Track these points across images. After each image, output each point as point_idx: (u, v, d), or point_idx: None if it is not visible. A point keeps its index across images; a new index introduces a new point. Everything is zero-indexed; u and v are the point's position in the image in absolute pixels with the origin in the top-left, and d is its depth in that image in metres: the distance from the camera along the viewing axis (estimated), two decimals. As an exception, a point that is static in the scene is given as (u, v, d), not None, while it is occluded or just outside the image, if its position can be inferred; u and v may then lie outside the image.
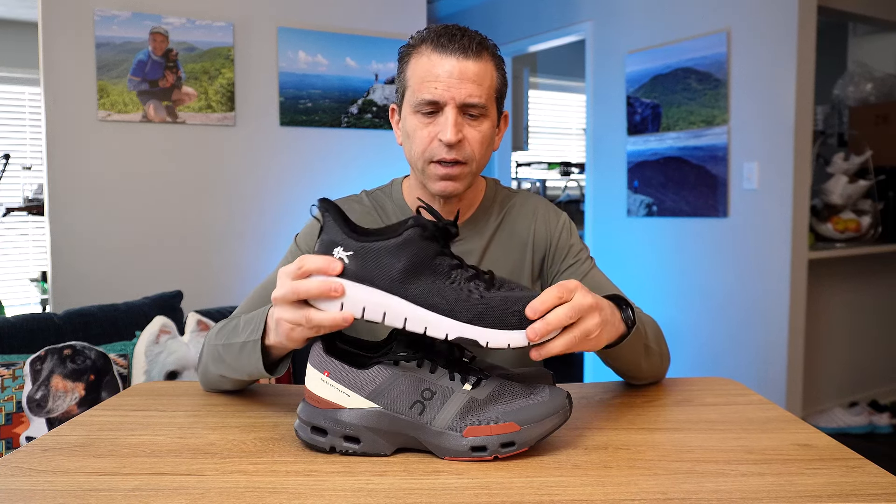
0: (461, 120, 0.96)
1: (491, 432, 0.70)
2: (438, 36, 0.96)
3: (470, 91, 0.94)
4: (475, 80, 0.95)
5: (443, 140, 0.95)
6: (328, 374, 0.72)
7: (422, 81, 0.96)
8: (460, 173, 0.98)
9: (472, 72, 0.94)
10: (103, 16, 2.47)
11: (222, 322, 0.96)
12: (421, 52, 0.97)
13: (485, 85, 0.96)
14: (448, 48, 0.94)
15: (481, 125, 0.98)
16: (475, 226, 1.09)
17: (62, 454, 0.73)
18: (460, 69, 0.94)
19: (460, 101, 0.95)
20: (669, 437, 0.77)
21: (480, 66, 0.95)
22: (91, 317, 1.87)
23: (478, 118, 0.97)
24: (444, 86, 0.94)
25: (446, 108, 0.95)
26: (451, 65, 0.94)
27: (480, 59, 0.96)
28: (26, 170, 4.43)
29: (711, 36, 2.99)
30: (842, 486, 0.63)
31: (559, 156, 5.71)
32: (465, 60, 0.94)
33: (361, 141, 3.00)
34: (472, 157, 0.98)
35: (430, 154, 0.97)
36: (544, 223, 1.12)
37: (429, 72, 0.95)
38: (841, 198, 3.35)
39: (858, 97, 3.67)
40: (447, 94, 0.94)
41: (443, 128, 0.95)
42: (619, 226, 3.53)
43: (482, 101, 0.96)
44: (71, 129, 2.45)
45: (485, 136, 0.99)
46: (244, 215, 2.78)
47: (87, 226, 2.50)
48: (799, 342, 2.86)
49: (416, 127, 0.98)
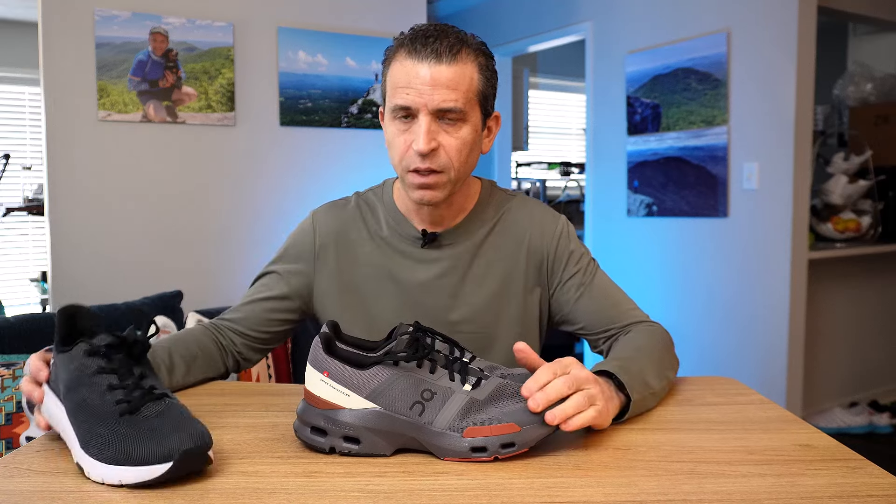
0: (436, 127, 0.94)
1: (491, 433, 0.69)
2: (413, 41, 0.94)
3: (443, 97, 0.92)
4: (449, 85, 0.93)
5: (415, 149, 0.94)
6: (328, 375, 0.72)
7: (395, 88, 0.95)
8: (436, 182, 0.96)
9: (445, 77, 0.92)
10: (103, 16, 2.46)
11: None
12: (396, 58, 0.96)
13: (461, 89, 0.94)
14: (421, 53, 0.93)
15: (459, 131, 0.96)
16: (466, 230, 1.08)
17: (61, 455, 0.72)
18: (432, 75, 0.92)
19: (433, 108, 0.93)
20: (670, 437, 0.77)
21: (455, 69, 0.93)
22: (91, 317, 1.87)
23: (455, 124, 0.95)
24: (416, 92, 0.93)
25: (420, 116, 0.94)
26: (423, 71, 0.92)
27: (456, 62, 0.93)
28: (26, 170, 4.42)
29: (711, 36, 2.98)
30: (843, 487, 0.63)
31: (559, 156, 5.71)
32: (438, 66, 0.92)
33: (361, 141, 3.00)
34: (449, 166, 0.96)
35: (407, 163, 0.97)
36: (541, 229, 1.10)
37: (401, 78, 0.94)
38: (841, 198, 3.35)
39: (858, 97, 3.67)
40: (419, 101, 0.93)
41: (416, 136, 0.94)
42: (619, 226, 3.52)
43: (457, 106, 0.94)
44: (71, 129, 2.45)
45: (463, 142, 0.96)
46: (244, 215, 2.78)
47: (87, 226, 2.49)
48: (799, 342, 2.85)
49: (393, 134, 0.98)
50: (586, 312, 1.08)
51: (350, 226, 1.09)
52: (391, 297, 1.07)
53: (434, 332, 0.76)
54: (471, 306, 1.07)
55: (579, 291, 1.08)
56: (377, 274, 1.07)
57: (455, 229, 1.07)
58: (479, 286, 1.07)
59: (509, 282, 1.08)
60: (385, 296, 1.07)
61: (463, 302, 1.07)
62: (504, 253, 1.08)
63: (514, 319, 1.09)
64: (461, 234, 1.07)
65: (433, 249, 1.06)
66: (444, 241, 1.07)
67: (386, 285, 1.07)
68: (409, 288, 1.06)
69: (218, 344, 1.07)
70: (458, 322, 1.07)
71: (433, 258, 1.06)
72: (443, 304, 1.06)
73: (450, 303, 1.06)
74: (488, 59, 1.00)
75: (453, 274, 1.06)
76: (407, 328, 0.74)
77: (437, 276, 1.06)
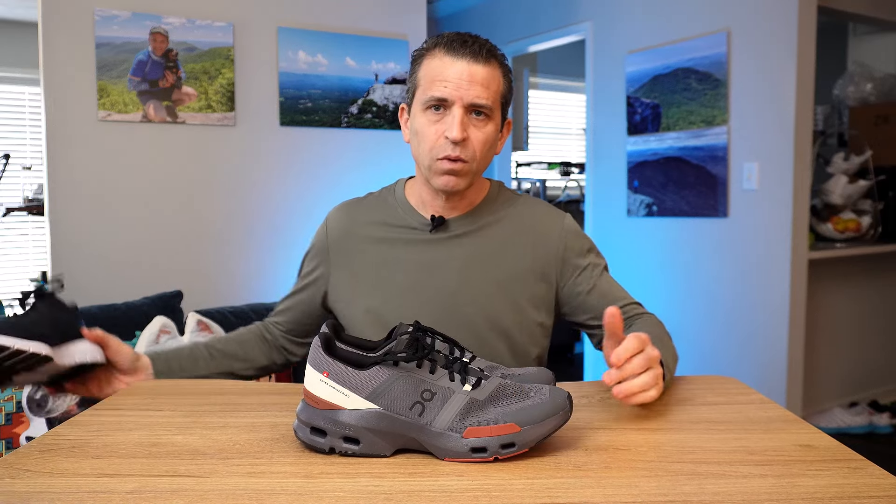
0: (467, 120, 1.02)
1: (491, 433, 0.69)
2: (451, 41, 1.03)
3: (477, 93, 1.01)
4: (483, 83, 1.01)
5: (449, 137, 1.00)
6: (327, 375, 0.72)
7: (432, 80, 1.02)
8: (462, 170, 1.03)
9: (480, 75, 1.01)
10: (103, 16, 2.46)
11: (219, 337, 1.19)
12: (433, 55, 1.04)
13: (492, 89, 1.02)
14: (459, 52, 1.01)
15: (485, 127, 1.03)
16: (474, 220, 1.12)
17: (60, 455, 0.72)
18: (470, 72, 1.00)
19: (468, 102, 1.01)
20: (670, 437, 0.77)
21: (489, 70, 1.02)
22: (91, 317, 1.87)
23: (483, 120, 1.03)
24: (453, 86, 1.00)
25: (454, 108, 1.01)
26: (462, 67, 1.01)
27: (489, 64, 1.02)
28: (26, 170, 4.42)
29: (711, 36, 2.98)
30: (843, 488, 0.63)
31: (559, 156, 5.71)
32: (475, 64, 1.01)
33: (361, 141, 3.00)
34: (474, 157, 1.03)
35: (437, 151, 1.03)
36: (548, 226, 1.14)
37: (440, 72, 1.02)
38: (841, 198, 3.35)
39: (858, 97, 3.67)
40: (455, 94, 1.00)
41: (449, 126, 1.01)
42: (619, 226, 3.52)
43: (488, 103, 1.02)
44: (71, 129, 2.45)
45: (488, 137, 1.04)
46: (244, 215, 2.78)
47: (87, 226, 2.49)
48: (799, 342, 2.85)
49: (424, 125, 1.04)
50: (593, 306, 1.13)
51: (361, 217, 1.15)
52: (398, 282, 1.11)
53: (434, 331, 0.76)
54: (476, 290, 1.10)
55: (586, 285, 1.13)
56: (386, 260, 1.12)
57: (464, 217, 1.12)
58: (485, 272, 1.11)
59: (514, 272, 1.11)
60: (393, 280, 1.11)
61: (468, 286, 1.10)
62: (510, 245, 1.12)
63: (517, 308, 1.11)
64: (469, 223, 1.12)
65: (441, 235, 1.11)
66: (452, 227, 1.11)
67: (393, 271, 1.11)
68: (417, 270, 1.10)
69: (263, 338, 1.19)
70: (464, 304, 1.09)
71: (441, 240, 1.11)
72: (449, 287, 1.10)
73: (455, 285, 1.10)
74: (508, 70, 1.09)
75: (460, 258, 1.10)
76: (407, 328, 0.74)
77: (445, 258, 1.10)
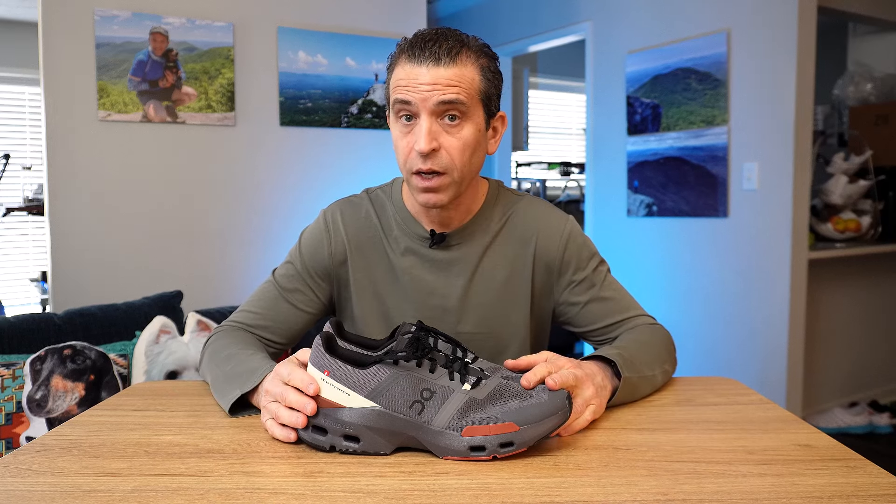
0: (437, 128, 0.94)
1: (490, 432, 0.69)
2: (413, 45, 0.95)
3: (442, 92, 0.93)
4: (450, 83, 0.93)
5: (416, 149, 0.94)
6: (328, 374, 0.72)
7: (396, 88, 0.96)
8: (440, 185, 0.96)
9: (444, 78, 0.93)
10: (103, 16, 2.46)
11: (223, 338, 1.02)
12: (398, 62, 0.97)
13: (464, 86, 0.94)
14: (419, 57, 0.94)
15: (461, 131, 0.95)
16: (473, 231, 1.07)
17: (61, 455, 0.72)
18: (431, 77, 0.93)
19: (433, 105, 0.93)
20: (670, 437, 0.77)
21: (455, 71, 0.94)
22: (91, 317, 1.87)
23: (457, 125, 0.95)
24: (416, 92, 0.93)
25: (421, 117, 0.94)
26: (422, 72, 0.93)
27: (455, 64, 0.94)
28: (26, 170, 4.43)
29: (711, 36, 2.98)
30: (843, 487, 0.63)
31: (559, 156, 5.71)
32: (437, 68, 0.93)
33: (361, 141, 3.00)
34: (452, 166, 0.96)
35: (410, 165, 0.96)
36: (549, 231, 1.09)
37: (402, 81, 0.95)
38: (841, 198, 3.35)
39: (858, 97, 3.67)
40: (420, 102, 0.93)
41: (417, 137, 0.94)
42: (619, 226, 3.52)
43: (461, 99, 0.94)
44: (71, 129, 2.45)
45: (465, 142, 0.96)
46: (244, 215, 2.78)
47: (87, 226, 2.50)
48: (799, 342, 2.85)
49: (397, 136, 0.98)
50: (594, 316, 1.09)
51: (363, 225, 1.09)
52: (401, 297, 1.08)
53: (437, 331, 0.76)
54: (478, 308, 1.07)
55: (587, 295, 1.08)
56: (389, 273, 1.08)
57: (462, 230, 1.07)
58: (487, 288, 1.07)
59: (517, 283, 1.08)
60: (395, 295, 1.08)
61: (470, 304, 1.07)
62: (511, 254, 1.08)
63: (521, 321, 1.09)
64: (469, 235, 1.07)
65: (441, 250, 1.06)
66: (451, 242, 1.07)
67: (396, 284, 1.08)
68: (418, 288, 1.07)
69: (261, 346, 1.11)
70: (466, 323, 1.07)
71: (441, 259, 1.06)
72: (450, 306, 1.07)
73: (458, 305, 1.06)
74: (491, 61, 1.00)
75: (461, 275, 1.06)
76: (409, 327, 0.74)
77: (445, 277, 1.06)
